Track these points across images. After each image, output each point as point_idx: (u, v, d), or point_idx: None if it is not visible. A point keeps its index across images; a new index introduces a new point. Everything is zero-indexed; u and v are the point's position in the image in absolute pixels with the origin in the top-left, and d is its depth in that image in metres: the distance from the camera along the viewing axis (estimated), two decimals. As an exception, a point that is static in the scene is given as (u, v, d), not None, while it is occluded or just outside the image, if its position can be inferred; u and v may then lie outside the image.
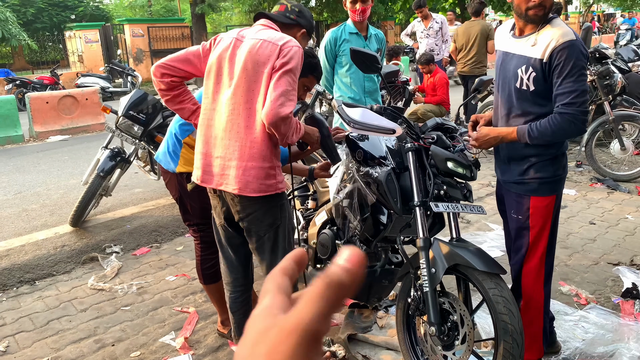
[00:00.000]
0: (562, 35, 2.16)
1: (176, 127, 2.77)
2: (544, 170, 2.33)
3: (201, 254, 2.89)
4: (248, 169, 2.16)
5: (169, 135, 2.81)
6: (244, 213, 2.24)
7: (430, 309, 2.19)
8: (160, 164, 2.84)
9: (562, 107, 2.17)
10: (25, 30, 20.42)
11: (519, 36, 2.32)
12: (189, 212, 2.85)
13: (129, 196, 5.78)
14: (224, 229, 2.40)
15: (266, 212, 2.25)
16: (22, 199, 5.83)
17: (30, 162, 7.74)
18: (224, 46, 2.23)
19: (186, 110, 2.39)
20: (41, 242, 4.44)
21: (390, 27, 26.72)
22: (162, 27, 20.94)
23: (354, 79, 4.19)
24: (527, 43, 2.26)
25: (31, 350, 2.92)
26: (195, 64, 2.28)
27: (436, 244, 2.26)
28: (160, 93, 2.33)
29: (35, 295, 3.58)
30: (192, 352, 2.83)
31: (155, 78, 2.29)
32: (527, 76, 2.24)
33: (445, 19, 8.48)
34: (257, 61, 2.13)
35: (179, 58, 2.28)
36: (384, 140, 2.60)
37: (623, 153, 5.61)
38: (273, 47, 2.13)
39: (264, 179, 2.19)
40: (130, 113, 4.49)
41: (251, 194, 2.18)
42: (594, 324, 2.90)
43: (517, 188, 2.40)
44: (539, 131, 2.21)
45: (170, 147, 2.77)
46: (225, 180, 2.20)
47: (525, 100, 2.29)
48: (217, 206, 2.35)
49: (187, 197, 2.79)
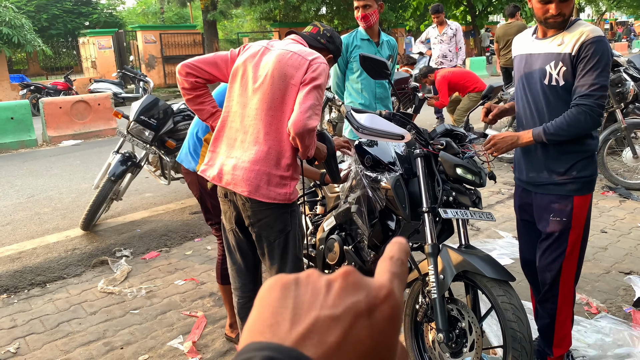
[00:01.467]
0: (592, 30, 2.18)
1: (196, 126, 2.84)
2: (586, 169, 2.30)
3: (223, 253, 2.91)
4: (260, 173, 2.17)
5: (189, 136, 2.89)
6: (255, 218, 2.24)
7: (438, 316, 2.18)
8: (182, 164, 2.90)
9: (579, 98, 2.16)
10: (40, 37, 20.67)
11: (543, 38, 2.32)
12: (210, 211, 2.91)
13: (140, 200, 5.82)
14: (234, 234, 2.41)
15: (277, 218, 2.25)
16: (35, 202, 5.89)
17: (43, 166, 7.83)
18: (252, 52, 2.27)
19: (205, 111, 2.41)
20: (52, 245, 4.49)
21: (401, 34, 26.74)
22: (174, 33, 21.13)
23: (365, 85, 4.20)
24: (553, 43, 2.26)
25: (41, 352, 2.94)
26: (222, 69, 2.32)
27: (445, 250, 2.25)
28: (183, 92, 2.36)
29: (46, 298, 3.61)
30: (200, 356, 2.84)
31: (180, 76, 2.33)
32: (556, 71, 2.23)
33: (460, 26, 8.49)
34: (285, 72, 2.15)
35: (206, 60, 2.32)
36: (392, 146, 2.60)
37: (635, 161, 5.55)
38: (303, 60, 2.17)
39: (275, 187, 2.19)
40: (141, 118, 4.54)
41: (261, 198, 2.18)
42: (604, 333, 2.87)
43: (558, 190, 2.33)
44: (554, 127, 2.20)
45: (191, 147, 2.85)
46: (235, 180, 2.20)
47: (556, 98, 2.27)
48: (228, 211, 2.36)
49: (207, 196, 2.85)
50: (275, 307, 0.39)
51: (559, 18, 2.19)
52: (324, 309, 0.38)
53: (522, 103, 2.43)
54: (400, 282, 0.42)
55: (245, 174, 2.18)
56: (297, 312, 0.38)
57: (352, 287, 0.39)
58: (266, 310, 0.39)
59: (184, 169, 2.91)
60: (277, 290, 0.40)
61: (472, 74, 7.18)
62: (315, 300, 0.39)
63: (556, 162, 2.33)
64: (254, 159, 2.18)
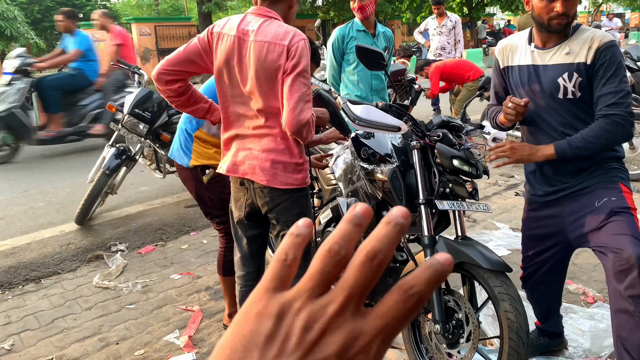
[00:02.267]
0: (603, 36, 2.05)
1: (185, 122, 2.80)
2: (624, 171, 2.20)
3: (225, 245, 2.92)
4: (275, 162, 2.18)
5: (179, 132, 2.84)
6: (273, 204, 2.25)
7: (435, 307, 2.18)
8: (175, 161, 2.87)
9: (607, 108, 2.02)
10: (33, 29, 20.52)
11: (544, 47, 2.17)
12: (209, 205, 2.89)
13: (135, 194, 5.79)
14: (243, 222, 2.40)
15: (294, 202, 2.28)
16: (29, 196, 5.85)
17: (37, 160, 7.77)
18: (227, 47, 2.14)
19: (200, 109, 2.36)
20: (47, 240, 4.46)
21: (398, 26, 26.65)
22: (169, 26, 21.02)
23: (361, 77, 4.17)
24: (559, 52, 2.11)
25: (36, 349, 2.92)
26: (198, 63, 2.21)
27: (441, 241, 2.24)
28: (170, 100, 2.27)
29: (41, 294, 3.58)
30: (196, 350, 2.83)
31: (160, 86, 2.20)
32: (572, 84, 2.08)
33: (459, 19, 8.41)
34: (268, 69, 2.08)
35: (180, 60, 2.18)
36: (389, 138, 2.58)
37: (631, 152, 5.55)
38: (279, 48, 2.07)
39: (291, 173, 2.22)
40: (135, 111, 4.50)
41: (279, 185, 2.20)
42: (598, 320, 2.88)
43: (602, 179, 2.16)
44: (582, 140, 2.04)
45: (183, 143, 2.80)
46: (252, 170, 2.21)
47: (572, 111, 2.13)
48: (242, 198, 2.34)
49: (205, 190, 2.83)
50: (246, 343, 0.37)
51: (563, 19, 2.04)
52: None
53: (529, 118, 2.25)
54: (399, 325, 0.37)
55: (261, 163, 2.19)
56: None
57: (332, 333, 0.36)
58: (239, 342, 0.37)
59: (177, 165, 2.88)
60: (251, 322, 0.38)
61: (466, 62, 7.16)
62: (285, 347, 0.36)
63: (595, 167, 2.17)
64: (267, 148, 2.18)
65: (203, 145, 2.76)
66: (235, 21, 2.17)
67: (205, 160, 2.77)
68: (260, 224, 2.43)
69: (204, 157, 2.77)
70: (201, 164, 2.77)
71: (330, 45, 4.18)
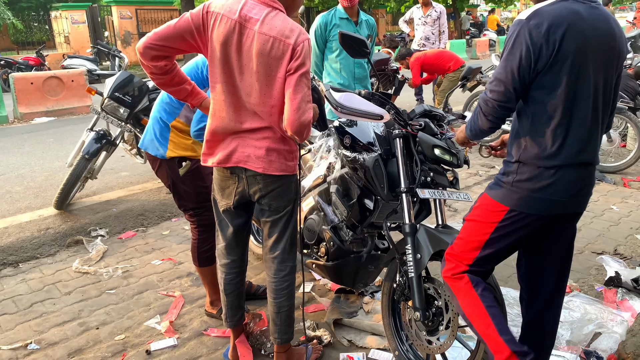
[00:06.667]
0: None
1: (160, 111, 2.70)
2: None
3: (198, 237, 2.87)
4: (270, 150, 2.17)
5: (153, 121, 2.73)
6: (266, 190, 2.25)
7: (415, 295, 2.20)
8: (147, 152, 2.76)
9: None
10: (10, 9, 20.02)
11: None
12: (183, 197, 2.82)
13: (115, 179, 5.72)
14: (230, 211, 2.37)
15: (287, 188, 2.29)
16: (6, 180, 5.75)
17: (14, 143, 7.63)
18: (226, 31, 2.03)
19: (182, 91, 2.25)
20: (25, 224, 4.40)
21: (382, 15, 26.59)
22: (151, 9, 20.67)
23: (343, 65, 4.17)
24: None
25: (14, 333, 2.89)
26: (189, 41, 2.09)
27: (422, 230, 2.27)
28: (152, 77, 2.16)
29: (19, 278, 3.54)
30: (177, 335, 2.83)
31: (145, 61, 2.07)
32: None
33: (444, 9, 8.39)
34: (269, 64, 2.03)
35: (169, 35, 2.04)
36: (372, 127, 2.59)
37: (609, 145, 5.66)
38: (285, 46, 2.02)
39: (285, 160, 2.22)
40: (115, 95, 4.43)
41: (274, 172, 2.20)
42: (571, 309, 2.95)
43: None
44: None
45: (158, 133, 2.70)
46: (246, 158, 2.18)
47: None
48: (231, 186, 2.29)
49: (180, 182, 2.76)
50: None
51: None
52: None
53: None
54: None
55: (255, 151, 2.16)
56: None
57: None
58: None
59: (149, 156, 2.76)
60: None
61: (447, 52, 7.19)
62: None
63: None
64: (260, 136, 2.16)
65: (180, 136, 2.68)
66: (235, 4, 2.06)
67: (183, 151, 2.70)
68: (246, 211, 2.43)
69: (181, 148, 2.69)
70: (178, 155, 2.70)
71: (313, 33, 4.16)
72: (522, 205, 1.86)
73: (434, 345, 2.27)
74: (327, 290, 3.30)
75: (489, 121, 1.85)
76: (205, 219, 2.84)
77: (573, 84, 1.75)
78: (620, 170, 5.59)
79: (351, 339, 2.76)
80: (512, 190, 1.87)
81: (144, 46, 2.05)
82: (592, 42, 1.75)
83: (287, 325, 2.42)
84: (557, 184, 1.81)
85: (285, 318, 2.40)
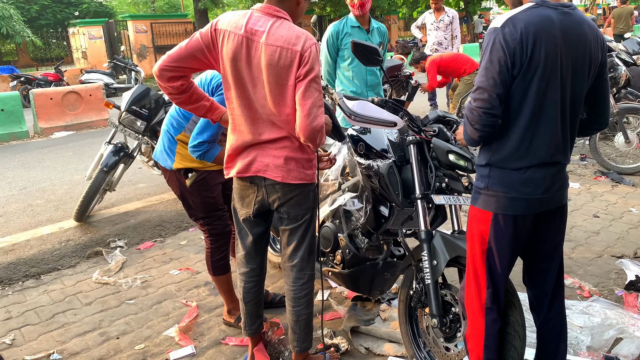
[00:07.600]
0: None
1: (168, 124, 2.79)
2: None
3: (211, 246, 2.92)
4: (288, 159, 2.19)
5: (163, 134, 2.83)
6: (285, 198, 2.27)
7: (432, 302, 2.20)
8: (159, 162, 2.86)
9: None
10: (29, 27, 20.46)
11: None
12: (192, 207, 2.89)
13: (133, 191, 5.80)
14: (250, 220, 2.40)
15: (305, 197, 2.30)
16: (27, 194, 5.87)
17: (35, 158, 7.78)
18: (234, 47, 2.07)
19: (201, 107, 2.32)
20: (46, 236, 4.48)
21: (394, 21, 26.63)
22: (165, 23, 20.98)
23: (356, 73, 4.19)
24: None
25: (37, 343, 2.94)
26: (201, 59, 2.15)
27: (438, 236, 2.26)
28: (171, 97, 2.23)
29: (41, 289, 3.60)
30: (195, 344, 2.85)
31: (163, 83, 2.14)
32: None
33: (457, 14, 8.34)
34: (279, 74, 2.06)
35: (181, 56, 2.11)
36: (385, 133, 2.60)
37: (627, 146, 5.58)
38: (292, 54, 2.04)
39: (304, 169, 2.24)
40: (132, 108, 4.51)
41: (293, 181, 2.21)
42: (590, 314, 2.90)
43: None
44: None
45: (166, 145, 2.80)
46: (266, 167, 2.21)
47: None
48: (251, 195, 2.32)
49: (187, 193, 2.83)
50: None
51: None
52: None
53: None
54: None
55: (274, 161, 2.19)
56: None
57: None
58: None
59: (162, 167, 2.87)
60: None
61: (462, 55, 7.15)
62: None
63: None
64: (279, 145, 2.19)
65: (186, 148, 2.73)
66: (241, 19, 2.10)
67: (189, 163, 2.76)
68: (266, 220, 2.45)
69: (187, 160, 2.76)
70: (184, 166, 2.77)
71: (325, 42, 4.20)
72: (501, 208, 1.88)
73: (451, 352, 2.26)
74: (343, 298, 3.31)
75: (476, 130, 1.84)
76: (215, 227, 2.88)
77: (543, 92, 1.77)
78: (639, 171, 5.50)
79: (368, 347, 2.75)
80: (489, 195, 1.90)
81: (159, 69, 2.12)
82: (563, 48, 1.76)
83: (306, 334, 2.43)
84: (528, 183, 1.84)
85: (304, 326, 2.41)
